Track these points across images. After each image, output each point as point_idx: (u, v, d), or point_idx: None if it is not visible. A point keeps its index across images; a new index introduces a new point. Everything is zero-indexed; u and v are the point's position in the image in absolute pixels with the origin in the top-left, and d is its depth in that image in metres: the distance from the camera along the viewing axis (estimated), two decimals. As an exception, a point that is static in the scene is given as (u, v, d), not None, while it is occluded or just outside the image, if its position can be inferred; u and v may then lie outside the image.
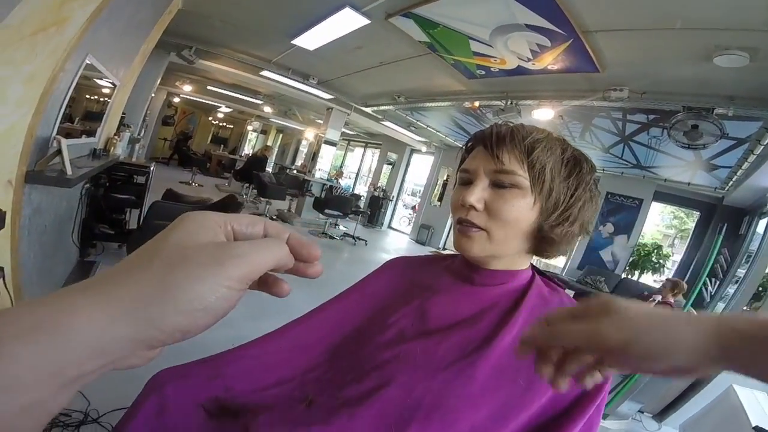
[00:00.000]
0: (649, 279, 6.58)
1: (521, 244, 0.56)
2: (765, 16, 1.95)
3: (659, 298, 3.97)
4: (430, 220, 9.08)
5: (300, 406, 0.53)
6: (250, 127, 13.28)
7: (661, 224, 12.05)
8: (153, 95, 6.02)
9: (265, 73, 5.66)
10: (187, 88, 8.64)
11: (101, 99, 2.98)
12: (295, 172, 8.83)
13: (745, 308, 2.97)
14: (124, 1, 2.19)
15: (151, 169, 3.94)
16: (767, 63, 2.36)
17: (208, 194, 7.15)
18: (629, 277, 6.45)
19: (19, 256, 1.63)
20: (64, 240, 2.53)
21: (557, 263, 7.74)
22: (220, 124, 13.70)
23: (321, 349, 0.59)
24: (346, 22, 3.41)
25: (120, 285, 0.20)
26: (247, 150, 13.65)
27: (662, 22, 2.28)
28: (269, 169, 11.06)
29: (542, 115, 4.26)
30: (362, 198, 9.80)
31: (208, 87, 8.67)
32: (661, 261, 6.51)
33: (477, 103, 4.66)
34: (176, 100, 10.97)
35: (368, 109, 6.77)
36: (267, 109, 9.71)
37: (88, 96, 2.64)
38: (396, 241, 8.93)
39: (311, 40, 4.09)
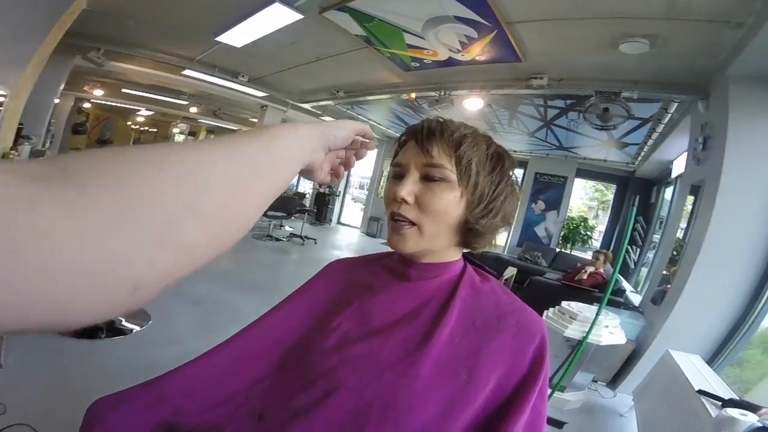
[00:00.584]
0: (578, 250, 7.18)
1: (451, 237, 0.58)
2: (662, 6, 2.21)
3: (592, 269, 4.38)
4: (378, 213, 9.15)
5: (251, 422, 0.52)
6: (176, 130, 12.29)
7: (585, 197, 13.27)
8: (57, 102, 5.39)
9: (187, 72, 5.26)
10: (99, 92, 7.80)
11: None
12: (231, 175, 8.37)
13: (665, 272, 3.24)
14: (11, 3, 1.92)
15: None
16: (664, 49, 2.66)
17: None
18: (563, 250, 7.00)
19: None
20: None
21: (499, 242, 8.22)
22: (141, 128, 12.55)
23: (265, 361, 0.57)
24: (276, 17, 3.26)
25: (312, 126, 0.40)
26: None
27: (574, 12, 2.48)
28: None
29: (473, 104, 4.46)
30: (307, 196, 9.59)
31: (123, 90, 7.88)
32: (588, 233, 7.16)
33: (414, 95, 4.75)
34: (87, 105, 9.83)
35: (306, 105, 6.60)
36: (193, 109, 9.07)
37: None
38: (347, 236, 8.89)
39: (238, 36, 3.86)
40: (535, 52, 3.19)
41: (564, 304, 2.69)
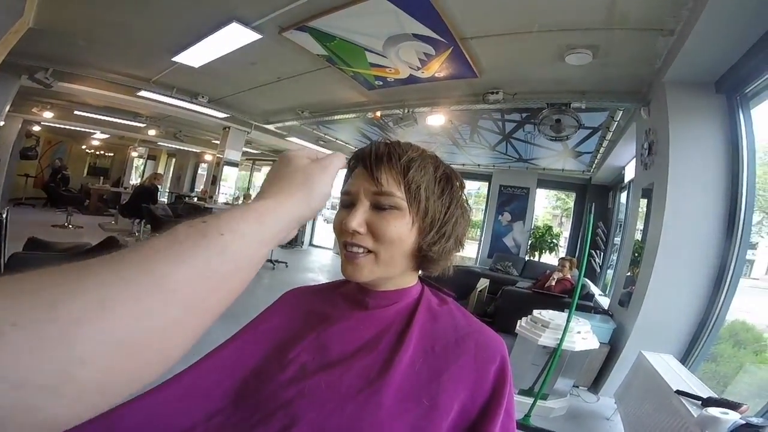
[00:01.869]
0: (547, 258, 7.40)
1: (406, 262, 0.57)
2: (601, 16, 2.37)
3: (560, 275, 4.50)
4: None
5: None
6: (134, 154, 11.68)
7: (549, 206, 13.82)
8: (2, 124, 5.09)
9: (143, 93, 5.11)
10: (49, 114, 7.36)
11: None
12: (195, 199, 8.08)
13: (628, 274, 3.29)
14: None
15: (3, 215, 3.23)
16: (606, 59, 2.85)
17: (90, 237, 6.16)
18: (532, 258, 7.19)
19: None
20: None
21: (471, 254, 8.34)
22: (97, 152, 11.95)
23: (220, 393, 0.54)
24: (235, 37, 3.25)
25: (292, 192, 0.37)
26: (135, 180, 12.05)
27: (522, 27, 2.62)
28: (163, 199, 9.97)
29: (435, 120, 4.58)
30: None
31: (76, 112, 7.51)
32: (554, 240, 7.41)
33: (379, 113, 4.82)
34: (36, 128, 9.23)
35: (271, 126, 6.54)
36: (152, 131, 8.74)
37: None
38: (319, 258, 8.72)
39: (195, 56, 3.81)
40: (490, 67, 3.34)
41: (536, 312, 2.72)
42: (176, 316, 0.23)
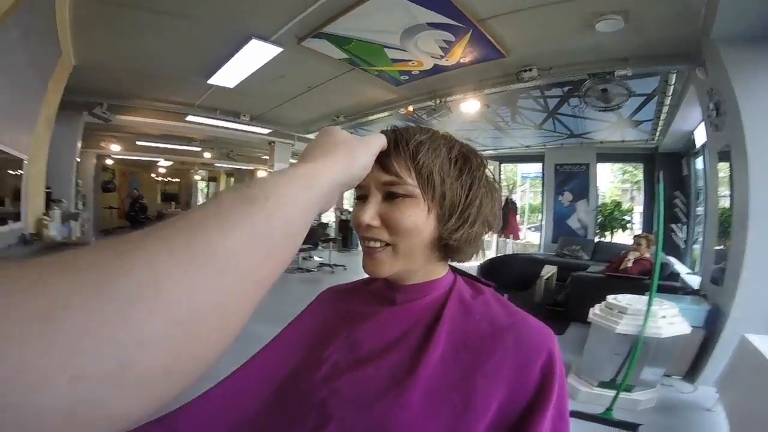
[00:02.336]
0: (621, 237, 6.69)
1: (429, 253, 0.53)
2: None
3: (636, 254, 4.03)
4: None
5: None
6: (197, 177, 12.76)
7: (616, 180, 12.64)
8: (78, 161, 5.47)
9: (191, 118, 5.51)
10: (116, 147, 8.09)
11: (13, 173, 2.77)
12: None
13: (719, 247, 2.96)
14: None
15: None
16: (639, 23, 2.54)
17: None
18: (602, 239, 6.58)
19: None
20: None
21: (533, 241, 7.87)
22: (165, 179, 13.12)
23: (262, 395, 0.56)
24: (257, 53, 3.40)
25: (336, 157, 0.38)
26: (201, 201, 13.24)
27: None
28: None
29: (470, 107, 4.39)
30: (330, 225, 9.70)
31: (137, 142, 8.24)
32: (624, 217, 6.70)
33: (411, 108, 4.74)
34: (110, 161, 10.06)
35: (311, 136, 6.75)
36: (207, 154, 9.38)
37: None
38: (374, 257, 8.86)
39: (228, 77, 4.03)
40: (517, 45, 3.11)
41: (610, 298, 2.51)
42: (230, 287, 0.22)
